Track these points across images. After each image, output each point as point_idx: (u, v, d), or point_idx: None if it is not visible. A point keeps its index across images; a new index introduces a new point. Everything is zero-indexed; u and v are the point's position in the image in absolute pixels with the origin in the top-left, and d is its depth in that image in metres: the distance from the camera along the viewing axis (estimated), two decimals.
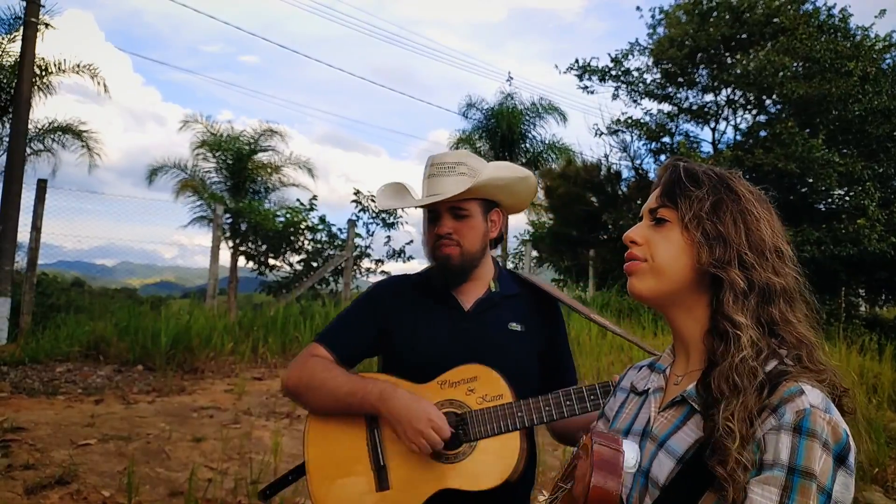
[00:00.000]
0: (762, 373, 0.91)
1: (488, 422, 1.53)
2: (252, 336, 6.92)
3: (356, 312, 1.78)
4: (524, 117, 15.89)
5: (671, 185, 1.04)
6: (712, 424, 0.90)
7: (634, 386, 1.18)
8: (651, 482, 0.97)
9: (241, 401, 5.17)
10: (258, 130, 13.47)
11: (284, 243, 10.87)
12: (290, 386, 1.67)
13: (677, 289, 1.02)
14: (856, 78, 11.54)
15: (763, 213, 1.02)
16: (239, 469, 3.71)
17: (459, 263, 1.68)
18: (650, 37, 14.99)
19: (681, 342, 1.08)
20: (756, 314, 0.96)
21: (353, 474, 1.59)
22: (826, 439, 0.83)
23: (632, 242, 1.05)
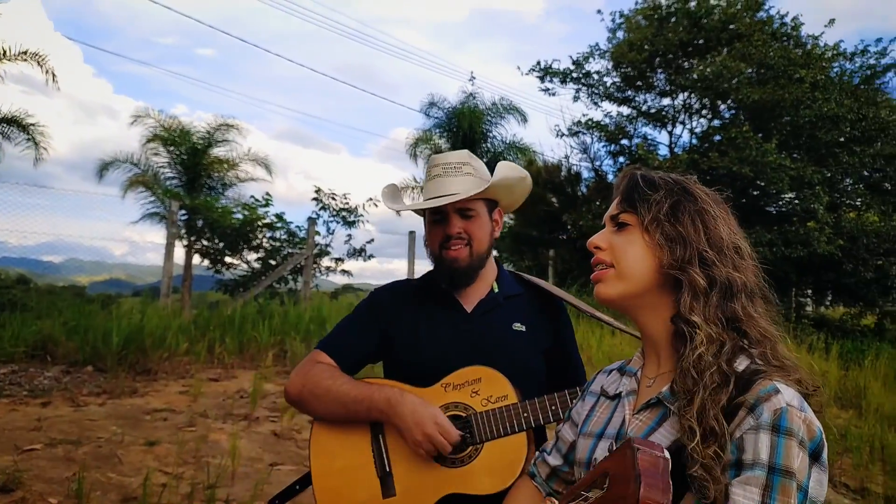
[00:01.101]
0: (726, 367, 0.92)
1: (494, 423, 1.50)
2: (208, 336, 6.74)
3: (357, 318, 1.75)
4: (485, 117, 15.91)
5: (630, 190, 1.08)
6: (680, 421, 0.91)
7: (605, 390, 1.19)
8: None
9: (197, 403, 5.02)
10: (214, 125, 13.16)
11: (242, 241, 10.65)
12: (293, 394, 1.63)
13: (643, 290, 1.04)
14: (807, 85, 11.91)
15: (720, 213, 1.06)
16: (195, 473, 3.59)
17: (468, 265, 1.66)
18: (610, 41, 15.20)
19: (650, 344, 1.09)
20: (718, 311, 0.97)
21: (359, 481, 1.56)
22: (802, 437, 0.84)
23: (596, 248, 1.08)
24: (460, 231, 1.64)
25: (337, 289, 12.05)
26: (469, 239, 1.65)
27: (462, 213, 1.66)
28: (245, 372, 6.33)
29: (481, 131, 15.90)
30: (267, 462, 4.05)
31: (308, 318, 7.78)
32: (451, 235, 1.64)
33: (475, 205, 1.67)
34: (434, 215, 1.69)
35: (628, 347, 8.03)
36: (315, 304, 9.24)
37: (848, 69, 13.88)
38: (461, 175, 1.68)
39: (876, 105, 12.87)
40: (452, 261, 1.65)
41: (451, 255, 1.64)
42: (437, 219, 1.68)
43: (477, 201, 1.68)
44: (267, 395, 5.47)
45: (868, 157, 12.36)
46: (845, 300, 13.33)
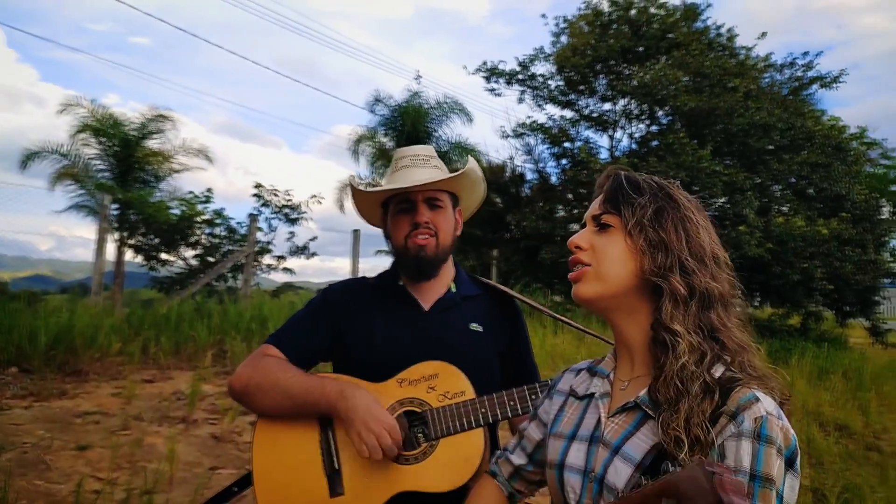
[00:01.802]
0: (709, 377, 0.92)
1: (450, 419, 1.47)
2: (142, 335, 6.46)
3: (310, 314, 1.69)
4: (430, 116, 15.91)
5: (614, 192, 1.07)
6: (664, 432, 0.90)
7: (574, 390, 1.17)
8: (607, 489, 0.95)
9: (131, 405, 4.80)
10: (149, 116, 12.67)
11: (178, 237, 10.29)
12: (238, 387, 1.54)
13: (621, 293, 1.03)
14: (740, 94, 12.39)
15: (701, 221, 1.06)
16: (130, 479, 3.43)
17: (434, 255, 1.63)
18: (554, 45, 15.44)
19: (624, 347, 1.09)
20: (696, 319, 0.98)
21: (304, 480, 1.49)
22: (780, 445, 0.86)
23: (576, 247, 1.07)
24: (428, 220, 1.62)
25: (279, 287, 11.78)
26: (436, 230, 1.63)
27: (430, 202, 1.64)
28: (182, 373, 6.10)
29: (426, 130, 15.88)
30: (206, 466, 3.91)
31: (249, 316, 7.56)
32: (419, 223, 1.62)
33: (443, 197, 1.66)
34: (401, 204, 1.66)
35: (570, 347, 8.16)
36: (256, 302, 9.01)
37: (777, 80, 14.54)
38: (429, 167, 1.67)
39: (803, 115, 13.52)
40: (419, 249, 1.62)
41: (418, 242, 1.61)
42: (404, 208, 1.65)
43: (444, 194, 1.67)
44: (205, 396, 5.28)
45: (795, 165, 12.96)
46: (773, 301, 13.93)
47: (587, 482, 1.00)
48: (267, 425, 1.56)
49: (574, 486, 1.02)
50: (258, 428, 1.56)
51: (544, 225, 13.10)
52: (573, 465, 1.04)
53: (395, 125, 15.61)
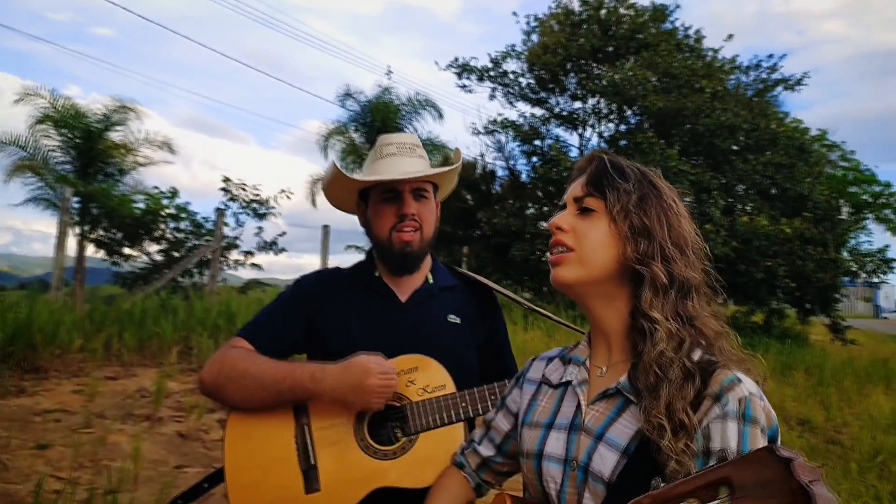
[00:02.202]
0: (688, 362, 0.92)
1: (430, 413, 1.43)
2: (105, 331, 6.28)
3: (282, 306, 1.63)
4: (401, 112, 15.82)
5: (598, 175, 1.05)
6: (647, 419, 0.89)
7: (547, 378, 1.15)
8: (592, 477, 0.94)
9: (93, 402, 4.65)
10: (112, 107, 12.31)
11: (142, 231, 10.03)
12: (208, 381, 1.48)
13: (601, 279, 1.02)
14: (707, 95, 12.61)
15: (682, 210, 1.06)
16: (93, 478, 3.32)
17: (419, 249, 1.59)
18: (525, 43, 15.50)
19: (601, 333, 1.08)
20: (675, 307, 0.98)
21: (279, 476, 1.43)
22: (763, 425, 0.87)
23: (557, 229, 1.05)
24: (415, 213, 1.58)
25: (247, 282, 11.56)
26: (420, 224, 1.59)
27: (417, 194, 1.60)
28: (146, 370, 5.95)
29: (396, 126, 15.79)
30: (172, 465, 3.81)
31: (216, 312, 7.41)
32: (407, 215, 1.57)
33: (429, 188, 1.62)
34: (386, 194, 1.60)
35: (540, 343, 8.19)
36: (223, 298, 8.84)
37: (743, 82, 14.83)
38: (415, 156, 1.63)
39: (767, 117, 13.82)
40: (405, 244, 1.57)
41: (404, 237, 1.57)
42: (389, 197, 1.59)
43: (429, 185, 1.63)
44: (171, 393, 5.15)
45: (760, 165, 13.24)
46: (737, 298, 14.21)
47: (569, 470, 0.99)
48: (239, 419, 1.50)
49: (554, 476, 1.01)
50: (230, 422, 1.50)
51: (515, 222, 13.14)
52: (552, 454, 1.02)
53: (365, 121, 15.48)
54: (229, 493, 1.44)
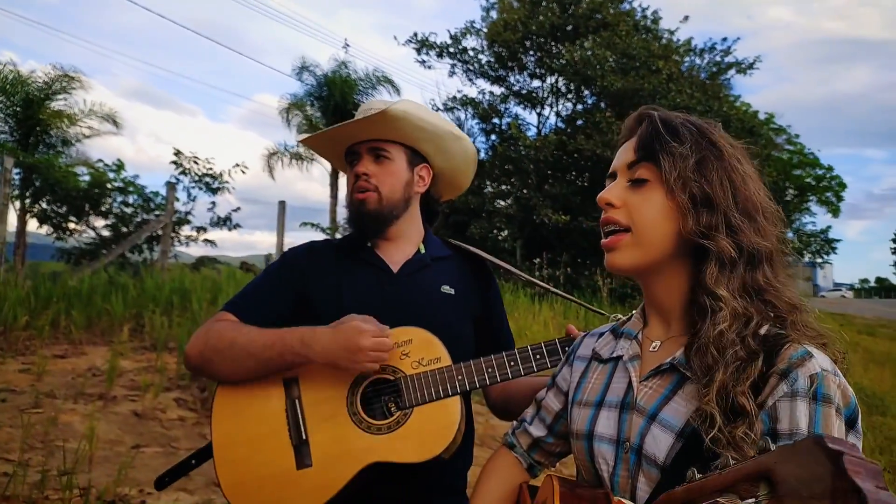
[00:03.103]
0: (753, 341, 0.83)
1: (425, 387, 1.37)
2: (52, 309, 6.02)
3: (270, 278, 1.56)
4: (358, 87, 15.55)
5: (650, 138, 0.93)
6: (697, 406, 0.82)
7: (598, 353, 1.07)
8: (646, 460, 0.87)
9: (42, 382, 4.45)
10: (52, 76, 11.72)
11: (88, 205, 9.63)
12: (193, 355, 1.41)
13: (661, 259, 0.92)
14: (664, 76, 12.77)
15: (748, 169, 0.95)
16: (45, 460, 3.17)
17: (375, 209, 1.51)
18: (484, 20, 15.39)
19: (657, 309, 0.99)
20: (742, 281, 0.88)
21: (269, 451, 1.36)
22: (839, 404, 0.79)
23: (608, 205, 0.94)
24: (366, 172, 1.52)
25: (201, 258, 11.26)
26: (376, 185, 1.52)
27: (375, 153, 1.54)
28: (96, 348, 5.73)
29: (354, 102, 15.53)
30: (129, 444, 3.67)
31: (169, 289, 7.18)
32: (359, 174, 1.52)
33: (390, 147, 1.54)
34: (349, 157, 1.57)
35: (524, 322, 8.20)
36: (175, 275, 8.58)
37: (697, 64, 15.06)
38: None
39: (719, 99, 14.09)
40: (360, 203, 1.52)
41: (357, 196, 1.52)
42: (351, 161, 1.57)
43: (393, 144, 1.55)
44: (124, 372, 4.97)
45: None
46: None
47: (622, 453, 0.91)
48: (227, 393, 1.43)
49: (606, 457, 0.94)
50: (217, 396, 1.43)
51: (473, 199, 13.13)
52: (604, 434, 0.95)
53: (321, 94, 15.16)
54: (217, 469, 1.37)
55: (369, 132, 1.53)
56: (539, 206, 12.43)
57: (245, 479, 1.36)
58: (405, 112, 1.50)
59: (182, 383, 4.84)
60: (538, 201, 12.55)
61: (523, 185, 13.61)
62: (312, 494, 1.33)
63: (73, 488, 2.83)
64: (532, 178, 13.31)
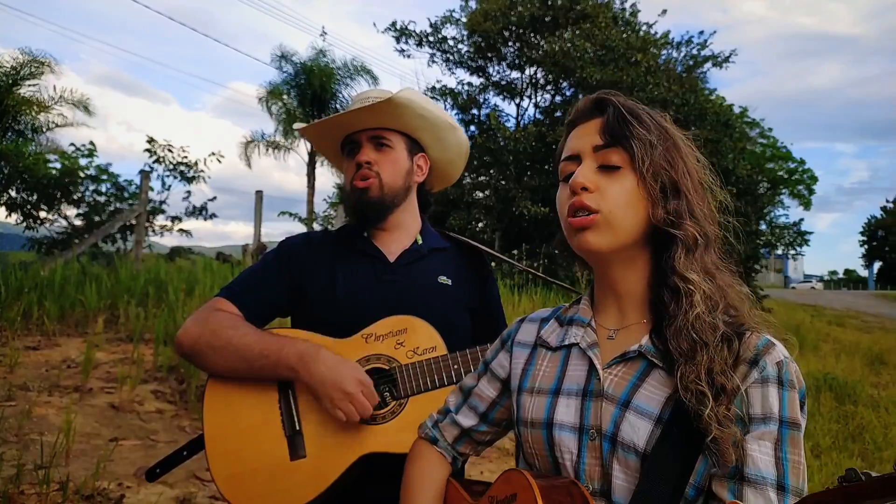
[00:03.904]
0: (722, 325, 0.86)
1: (420, 376, 1.36)
2: (23, 299, 5.88)
3: (266, 266, 1.54)
4: (336, 77, 15.41)
5: (618, 124, 0.93)
6: (683, 385, 0.83)
7: (545, 340, 1.05)
8: (623, 447, 0.87)
9: (14, 374, 4.35)
10: (20, 61, 11.39)
11: (59, 193, 9.40)
12: (186, 344, 1.38)
13: (630, 243, 0.93)
14: (642, 69, 12.84)
15: (700, 157, 0.98)
16: (19, 453, 3.10)
17: (378, 197, 1.50)
18: (463, 9, 15.31)
19: (612, 295, 0.99)
20: (703, 266, 0.91)
21: (262, 443, 1.34)
22: (797, 388, 0.85)
23: (583, 189, 0.93)
24: (369, 160, 1.51)
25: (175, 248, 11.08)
26: (378, 172, 1.51)
27: (376, 142, 1.53)
28: (70, 339, 5.61)
29: (332, 91, 15.39)
30: (106, 437, 3.61)
31: (144, 280, 7.07)
32: (361, 163, 1.50)
33: (391, 136, 1.54)
34: (348, 146, 1.56)
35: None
36: (150, 265, 8.44)
37: (674, 57, 15.18)
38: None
39: (696, 92, 14.21)
40: (360, 192, 1.50)
41: (359, 185, 1.50)
42: (350, 149, 1.55)
43: (393, 133, 1.54)
44: (99, 364, 4.88)
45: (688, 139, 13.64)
46: None
47: (587, 440, 0.91)
48: (219, 383, 1.40)
49: (569, 446, 0.92)
50: (209, 386, 1.41)
51: (452, 190, 13.10)
52: (564, 422, 0.94)
53: (299, 84, 14.99)
54: (210, 460, 1.35)
55: (372, 120, 1.52)
56: (518, 197, 12.46)
57: (238, 471, 1.34)
58: (409, 100, 1.49)
59: (159, 375, 4.77)
60: (517, 193, 12.58)
61: (502, 177, 13.62)
62: (307, 485, 1.32)
63: (50, 482, 2.77)
64: (511, 169, 13.32)
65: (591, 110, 0.98)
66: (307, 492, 1.31)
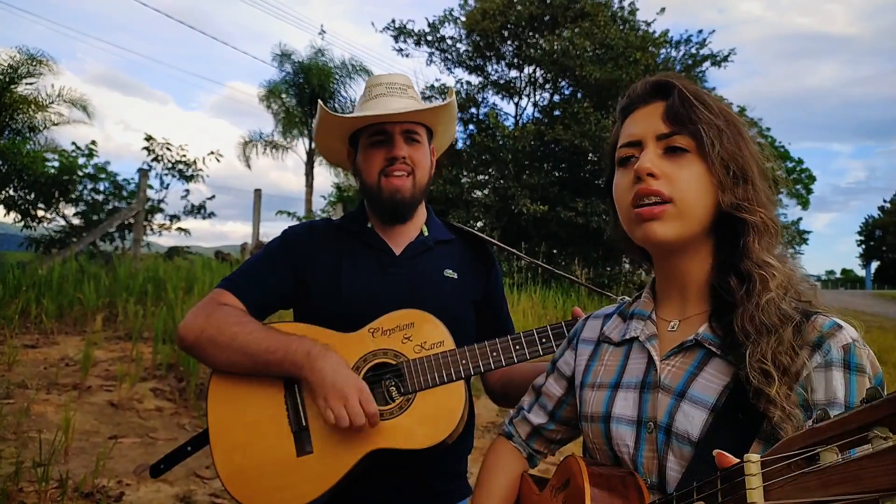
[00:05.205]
0: (791, 309, 0.84)
1: (428, 371, 1.34)
2: (21, 297, 5.85)
3: (269, 258, 1.50)
4: (335, 76, 15.37)
5: (682, 107, 0.90)
6: (746, 368, 0.81)
7: (607, 336, 1.05)
8: (677, 438, 0.85)
9: (13, 372, 4.32)
10: (18, 59, 11.35)
11: (58, 192, 9.36)
12: (189, 339, 1.35)
13: (699, 232, 0.90)
14: (641, 67, 12.82)
15: (764, 143, 0.96)
16: (18, 451, 3.08)
17: (411, 196, 1.48)
18: (462, 7, 15.29)
19: (676, 286, 0.97)
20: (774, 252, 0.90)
21: (268, 438, 1.32)
22: (870, 374, 0.80)
23: (649, 175, 0.89)
24: (406, 155, 1.46)
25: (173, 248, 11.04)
26: (412, 168, 1.48)
27: (408, 136, 1.49)
28: (68, 338, 5.58)
29: (330, 90, 15.36)
30: (105, 435, 3.59)
31: (143, 278, 7.04)
32: (397, 158, 1.46)
33: (420, 130, 1.52)
34: (375, 136, 1.49)
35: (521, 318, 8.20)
36: (149, 264, 8.41)
37: (673, 56, 15.16)
38: (406, 97, 1.53)
39: None
40: (395, 190, 1.46)
41: (394, 182, 1.46)
42: (378, 140, 1.49)
43: (421, 128, 1.52)
44: (98, 362, 4.85)
45: None
46: None
47: (645, 433, 0.90)
48: (223, 379, 1.38)
49: (626, 439, 0.92)
50: (213, 381, 1.39)
51: (451, 189, 13.09)
52: (622, 415, 0.93)
53: (297, 83, 14.95)
54: (215, 456, 1.33)
55: (417, 116, 1.49)
56: (517, 195, 12.44)
57: (243, 467, 1.32)
58: (454, 102, 1.52)
59: (158, 373, 4.75)
60: (516, 191, 12.56)
61: (501, 175, 13.60)
62: (314, 482, 1.30)
63: (48, 480, 2.75)
64: (510, 167, 13.30)
65: (650, 94, 0.96)
66: (314, 488, 1.29)
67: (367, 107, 1.51)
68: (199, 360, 1.42)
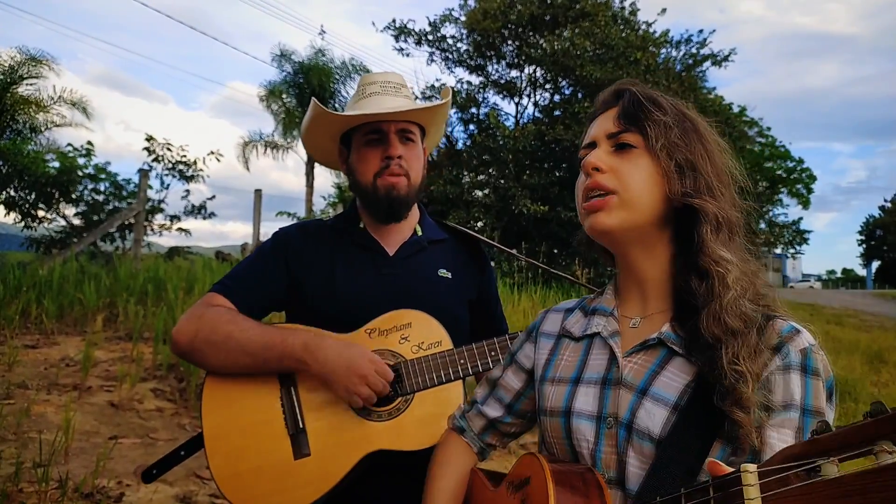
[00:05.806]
0: (753, 312, 0.85)
1: (427, 371, 1.34)
2: (21, 298, 5.85)
3: (262, 259, 1.50)
4: (335, 76, 15.37)
5: (633, 108, 0.95)
6: (714, 369, 0.81)
7: (568, 330, 1.06)
8: (638, 434, 0.86)
9: (13, 372, 4.33)
10: (19, 60, 11.35)
11: (58, 192, 9.37)
12: (184, 342, 1.34)
13: (646, 222, 0.92)
14: (642, 67, 12.81)
15: (721, 142, 0.98)
16: (18, 451, 3.08)
17: (406, 195, 1.47)
18: (462, 7, 15.28)
19: (635, 283, 0.99)
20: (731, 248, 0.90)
21: (264, 441, 1.31)
22: (824, 377, 0.83)
23: (594, 170, 0.93)
24: (401, 155, 1.46)
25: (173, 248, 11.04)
26: (408, 167, 1.48)
27: (403, 135, 1.49)
28: (68, 338, 5.59)
29: (331, 90, 15.36)
30: (105, 435, 3.59)
31: (143, 279, 7.04)
32: (392, 157, 1.46)
33: (415, 130, 1.51)
34: (370, 135, 1.48)
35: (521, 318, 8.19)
36: (149, 264, 8.41)
37: (673, 56, 15.15)
38: (401, 96, 1.52)
39: (695, 91, 14.20)
40: (391, 188, 1.46)
41: (390, 181, 1.46)
42: (373, 139, 1.48)
43: (415, 127, 1.52)
44: (98, 362, 4.86)
45: None
46: None
47: (605, 428, 0.91)
48: (218, 381, 1.38)
49: (585, 434, 0.92)
50: (207, 384, 1.38)
51: (452, 189, 13.08)
52: (583, 410, 0.94)
53: (296, 82, 14.94)
54: (210, 460, 1.32)
55: (411, 115, 1.49)
56: (517, 196, 12.43)
57: (240, 471, 1.31)
58: (447, 102, 1.51)
59: (159, 373, 4.75)
60: (516, 191, 12.55)
61: (501, 175, 13.59)
62: (312, 485, 1.29)
63: (48, 480, 2.75)
64: (510, 168, 13.29)
65: (610, 101, 1.01)
66: (312, 491, 1.29)
67: (362, 105, 1.51)
68: (195, 364, 1.41)
